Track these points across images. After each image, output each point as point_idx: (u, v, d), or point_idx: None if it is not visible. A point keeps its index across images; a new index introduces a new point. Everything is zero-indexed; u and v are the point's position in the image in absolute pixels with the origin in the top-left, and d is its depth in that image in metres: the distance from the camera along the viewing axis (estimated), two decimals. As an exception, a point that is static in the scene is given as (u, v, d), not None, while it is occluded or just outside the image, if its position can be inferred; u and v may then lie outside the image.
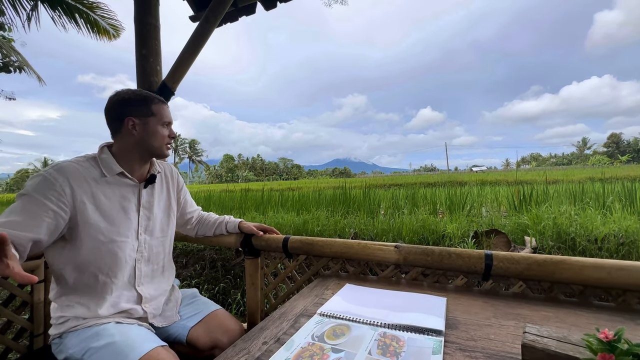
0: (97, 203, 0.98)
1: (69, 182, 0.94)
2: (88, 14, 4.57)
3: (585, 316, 0.83)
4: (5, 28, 5.91)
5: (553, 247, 2.03)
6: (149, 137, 1.05)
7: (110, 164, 1.03)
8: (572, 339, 0.52)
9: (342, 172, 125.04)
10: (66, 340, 0.93)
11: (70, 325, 0.94)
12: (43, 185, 0.90)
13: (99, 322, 0.95)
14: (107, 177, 1.01)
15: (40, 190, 0.89)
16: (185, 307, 1.20)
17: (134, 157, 1.07)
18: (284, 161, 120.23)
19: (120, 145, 1.05)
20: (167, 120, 1.10)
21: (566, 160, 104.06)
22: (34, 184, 0.90)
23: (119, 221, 1.02)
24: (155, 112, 1.06)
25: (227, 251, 3.04)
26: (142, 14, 1.88)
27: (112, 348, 0.87)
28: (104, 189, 1.01)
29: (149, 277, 1.11)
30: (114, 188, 1.03)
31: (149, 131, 1.05)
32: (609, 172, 12.27)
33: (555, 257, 0.95)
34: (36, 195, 0.89)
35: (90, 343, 0.89)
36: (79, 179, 0.96)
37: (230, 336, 1.14)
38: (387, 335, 0.75)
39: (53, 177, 0.92)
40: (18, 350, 1.36)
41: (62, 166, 0.95)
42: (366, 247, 1.20)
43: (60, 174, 0.93)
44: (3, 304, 1.33)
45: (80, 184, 0.96)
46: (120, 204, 1.04)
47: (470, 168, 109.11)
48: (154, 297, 1.11)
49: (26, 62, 6.47)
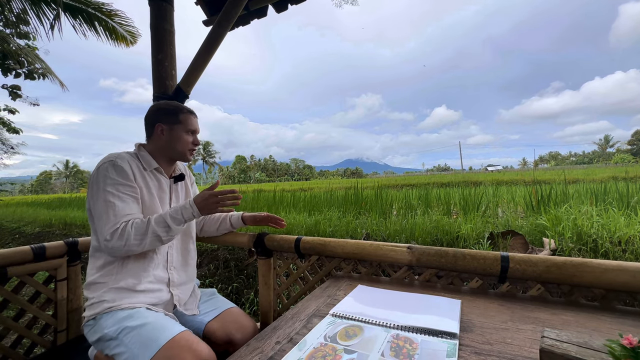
0: (147, 189, 1.14)
1: (131, 168, 1.10)
2: (107, 22, 4.73)
3: (607, 321, 0.80)
4: (30, 37, 6.19)
5: (573, 249, 1.96)
6: (174, 142, 1.20)
7: (149, 159, 1.18)
8: (594, 344, 0.50)
9: (353, 173, 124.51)
10: (101, 321, 0.99)
11: (106, 307, 1.00)
12: (121, 170, 1.06)
13: (131, 305, 1.02)
14: (146, 170, 1.17)
15: (123, 175, 1.05)
16: (204, 304, 1.28)
17: (162, 158, 1.22)
18: (295, 162, 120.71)
19: (152, 147, 1.21)
20: (191, 128, 1.23)
21: (587, 159, 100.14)
22: (112, 172, 1.04)
23: (156, 208, 1.16)
24: (182, 121, 1.20)
25: (240, 251, 3.08)
26: (158, 20, 1.93)
27: (147, 328, 0.94)
28: (147, 179, 1.16)
29: (179, 263, 1.24)
30: (154, 179, 1.19)
31: (175, 137, 1.19)
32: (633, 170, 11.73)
33: (576, 260, 0.91)
34: (120, 179, 1.04)
35: (126, 322, 0.96)
36: (134, 166, 1.12)
37: (244, 333, 1.19)
38: (400, 337, 0.74)
39: (120, 163, 1.07)
40: (43, 345, 1.42)
41: (120, 155, 1.11)
42: (379, 248, 1.20)
43: (124, 161, 1.09)
44: (29, 300, 1.39)
45: (136, 171, 1.11)
46: (159, 194, 1.19)
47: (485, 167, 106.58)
48: (182, 283, 1.23)
49: (49, 69, 6.75)
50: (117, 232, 0.98)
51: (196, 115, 1.27)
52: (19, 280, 1.36)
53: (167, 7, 1.95)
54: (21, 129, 8.51)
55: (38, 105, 9.55)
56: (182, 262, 1.25)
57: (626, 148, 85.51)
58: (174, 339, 0.91)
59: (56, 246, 1.44)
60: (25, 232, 6.66)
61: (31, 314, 1.39)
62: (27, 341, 1.41)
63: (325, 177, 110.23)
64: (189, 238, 1.31)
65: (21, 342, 1.39)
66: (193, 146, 1.24)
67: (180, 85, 1.93)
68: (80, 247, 1.52)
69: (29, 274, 1.36)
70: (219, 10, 1.98)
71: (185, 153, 1.23)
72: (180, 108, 1.22)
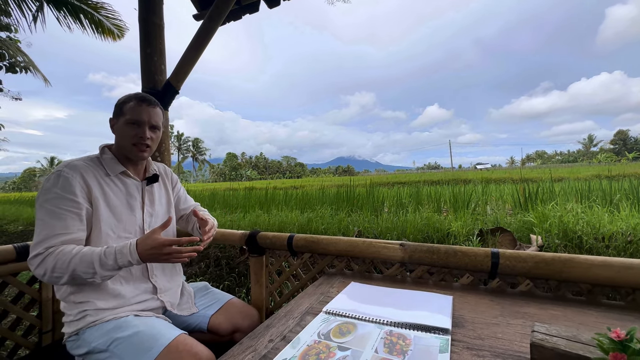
0: (107, 200, 1.01)
1: (84, 179, 0.97)
2: (92, 15, 4.59)
3: (594, 315, 0.82)
4: (12, 29, 5.96)
5: (559, 245, 2.01)
6: (118, 136, 1.07)
7: (112, 163, 1.06)
8: (582, 338, 0.52)
9: (345, 170, 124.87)
10: (85, 336, 0.93)
11: (89, 321, 0.94)
12: (65, 183, 0.93)
13: (117, 316, 0.97)
14: (110, 176, 1.05)
15: (66, 188, 0.93)
16: (201, 299, 1.24)
17: (123, 157, 1.09)
18: (287, 159, 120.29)
19: (115, 147, 1.10)
20: (133, 119, 1.03)
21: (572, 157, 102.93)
22: (55, 184, 0.93)
23: (126, 217, 1.05)
24: (125, 111, 1.04)
25: (232, 249, 3.05)
26: (147, 13, 1.88)
27: (139, 337, 0.89)
28: (111, 186, 1.04)
29: (160, 269, 1.14)
30: (120, 185, 1.07)
31: (118, 130, 1.06)
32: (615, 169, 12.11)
33: (563, 256, 0.94)
34: (61, 192, 0.92)
35: (115, 334, 0.90)
36: (90, 176, 0.99)
37: (251, 320, 1.21)
38: (393, 333, 0.74)
39: (70, 175, 0.95)
40: (27, 347, 1.38)
41: (74, 164, 0.98)
42: (371, 245, 1.20)
43: (75, 171, 0.96)
44: (12, 301, 1.35)
45: (92, 181, 0.99)
46: (127, 201, 1.07)
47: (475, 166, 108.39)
48: (169, 288, 1.15)
49: (32, 63, 6.53)
50: (39, 258, 0.86)
51: (151, 104, 1.07)
52: (1, 281, 1.31)
53: (156, 1, 1.90)
54: (2, 125, 8.22)
55: (20, 99, 9.24)
56: (163, 267, 1.16)
57: (609, 147, 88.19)
58: (171, 344, 0.87)
59: (41, 245, 1.40)
60: (8, 231, 6.45)
61: (15, 315, 1.35)
62: (10, 343, 1.36)
63: (317, 174, 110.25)
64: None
65: (4, 343, 1.34)
66: (138, 139, 1.04)
67: (169, 80, 1.89)
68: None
69: (12, 273, 1.32)
70: (210, 4, 1.94)
71: (129, 149, 1.05)
72: (130, 97, 1.06)
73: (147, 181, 1.14)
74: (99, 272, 0.88)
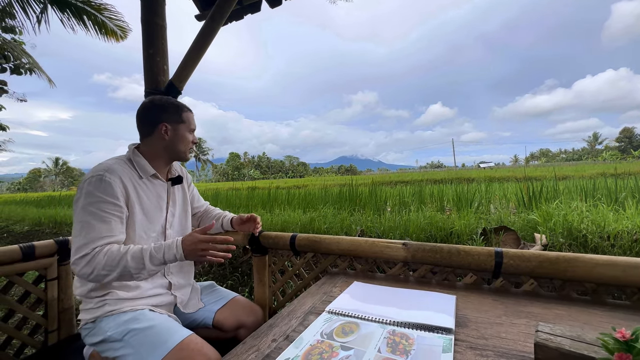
0: (141, 203, 1.07)
1: (123, 183, 1.01)
2: (96, 16, 4.62)
3: (599, 315, 0.81)
4: (16, 31, 6.02)
5: (564, 245, 1.99)
6: (178, 141, 1.14)
7: (144, 165, 1.10)
8: (587, 338, 0.51)
9: (347, 170, 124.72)
10: (102, 324, 0.97)
11: (107, 310, 0.98)
12: (108, 187, 0.97)
13: (134, 307, 1.00)
14: (143, 178, 1.10)
15: (109, 192, 0.96)
16: (207, 296, 1.29)
17: (162, 159, 1.16)
18: (289, 159, 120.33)
19: (150, 148, 1.13)
20: (193, 127, 1.20)
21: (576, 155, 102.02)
22: (97, 188, 0.96)
23: (156, 218, 1.12)
24: (185, 120, 1.16)
25: (235, 248, 3.07)
26: (149, 14, 1.89)
27: (154, 331, 0.93)
28: (144, 189, 1.09)
29: (177, 267, 1.20)
30: (151, 187, 1.12)
31: (179, 136, 1.14)
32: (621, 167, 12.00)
33: (568, 255, 0.93)
34: (105, 197, 0.96)
35: (131, 325, 0.94)
36: (127, 180, 1.03)
37: (255, 316, 1.26)
38: (396, 333, 0.74)
39: (112, 179, 0.98)
40: (33, 346, 1.39)
41: (113, 168, 1.01)
42: (374, 244, 1.20)
43: (115, 175, 1.00)
44: (18, 300, 1.36)
45: (128, 185, 1.03)
46: (157, 202, 1.13)
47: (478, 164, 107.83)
48: (183, 286, 1.20)
49: (37, 64, 6.59)
50: (86, 258, 0.90)
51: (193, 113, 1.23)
52: (7, 280, 1.33)
53: (158, 1, 1.91)
54: (7, 126, 8.30)
55: (25, 101, 9.34)
56: (180, 266, 1.22)
57: (614, 145, 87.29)
58: (184, 341, 0.91)
59: (46, 245, 1.41)
60: (14, 231, 6.52)
61: (21, 315, 1.37)
62: (16, 342, 1.38)
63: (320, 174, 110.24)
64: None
65: (11, 342, 1.36)
66: (193, 145, 1.20)
67: (172, 80, 1.90)
68: (71, 245, 1.48)
69: (18, 273, 1.33)
70: (211, 4, 1.94)
71: (187, 153, 1.18)
72: (181, 105, 1.17)
73: (171, 182, 1.21)
74: (147, 266, 0.94)
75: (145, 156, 1.12)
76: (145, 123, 1.13)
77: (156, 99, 1.15)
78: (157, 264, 0.95)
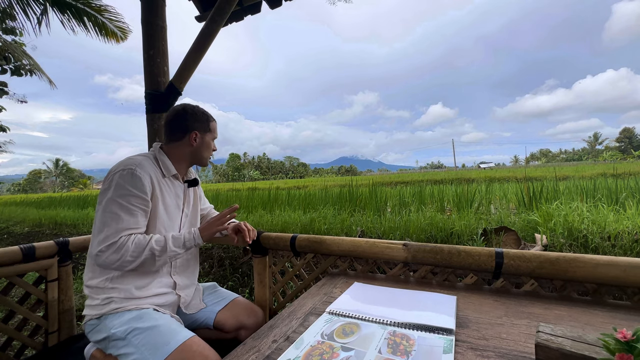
0: (164, 199, 1.12)
1: (151, 178, 1.06)
2: (96, 17, 4.63)
3: (600, 315, 0.81)
4: (17, 32, 6.03)
5: (564, 245, 1.99)
6: (204, 149, 1.22)
7: (168, 165, 1.15)
8: (588, 338, 0.51)
9: (348, 170, 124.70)
10: (106, 321, 0.98)
11: (113, 307, 0.99)
12: (138, 181, 1.01)
13: (139, 306, 1.02)
14: (165, 177, 1.14)
15: (138, 186, 1.01)
16: (209, 297, 1.30)
17: (184, 163, 1.21)
18: (289, 160, 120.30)
19: (176, 151, 1.19)
20: (216, 136, 1.28)
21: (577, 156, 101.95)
22: (128, 181, 1.00)
23: (174, 216, 1.16)
24: (212, 129, 1.24)
25: (235, 249, 3.06)
26: (149, 15, 1.89)
27: (157, 330, 0.94)
28: (166, 187, 1.14)
29: (184, 267, 1.22)
30: (171, 187, 1.17)
31: (205, 144, 1.21)
32: (621, 167, 11.99)
33: (568, 255, 0.93)
34: (135, 190, 1.00)
35: (135, 324, 0.95)
36: (153, 176, 1.08)
37: (255, 317, 1.27)
38: (397, 333, 0.74)
39: (142, 174, 1.03)
40: (34, 347, 1.39)
41: (143, 164, 1.06)
42: (374, 245, 1.20)
43: (145, 171, 1.05)
44: (19, 302, 1.36)
45: (154, 180, 1.08)
46: (175, 201, 1.18)
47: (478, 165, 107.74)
48: (187, 286, 1.23)
49: (37, 66, 6.60)
50: (115, 245, 0.95)
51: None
52: (7, 282, 1.33)
53: (158, 2, 1.92)
54: (8, 127, 8.30)
55: (26, 102, 9.34)
56: (186, 267, 1.23)
57: (614, 145, 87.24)
58: (185, 343, 0.92)
59: (46, 246, 1.41)
60: (14, 232, 6.52)
61: (21, 316, 1.37)
62: (17, 343, 1.38)
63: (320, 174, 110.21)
64: None
65: (11, 344, 1.36)
66: (213, 152, 1.27)
67: (172, 81, 1.90)
68: (71, 247, 1.49)
69: (18, 274, 1.33)
70: (211, 5, 1.95)
71: (208, 159, 1.25)
72: (209, 115, 1.24)
73: (187, 184, 1.25)
74: (169, 247, 1.01)
75: (170, 157, 1.17)
76: (176, 129, 1.17)
77: (188, 107, 1.20)
78: (178, 245, 1.03)
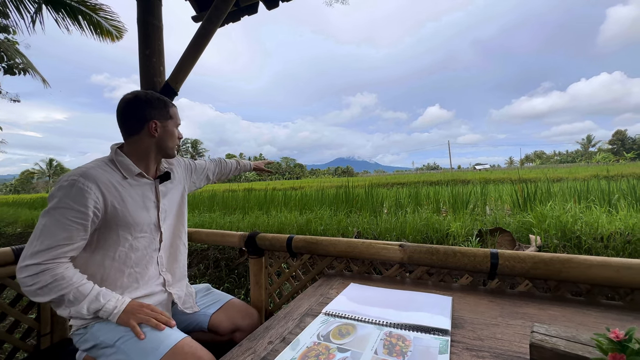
0: (125, 204, 1.01)
1: (100, 188, 0.95)
2: (91, 16, 4.59)
3: (593, 315, 0.82)
4: (10, 31, 5.96)
5: (558, 246, 2.01)
6: (167, 138, 1.10)
7: (129, 165, 1.05)
8: (581, 338, 0.52)
9: (344, 171, 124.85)
10: (94, 330, 0.94)
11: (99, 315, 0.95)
12: (78, 194, 0.90)
13: None
14: (127, 179, 1.04)
15: (77, 199, 0.90)
16: (202, 299, 1.26)
17: (150, 157, 1.10)
18: (286, 160, 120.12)
19: (136, 146, 1.07)
20: (179, 123, 1.17)
21: (570, 158, 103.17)
22: (67, 194, 0.90)
23: (143, 219, 1.06)
24: (173, 115, 1.12)
25: (231, 251, 3.05)
26: (145, 15, 1.88)
27: (146, 335, 0.90)
28: (128, 190, 1.03)
29: (170, 262, 1.18)
30: (136, 188, 1.06)
31: (168, 133, 1.10)
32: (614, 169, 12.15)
33: (562, 256, 0.94)
34: (73, 204, 0.89)
35: (123, 330, 0.91)
36: (106, 184, 0.97)
37: (251, 319, 1.24)
38: (393, 334, 0.74)
39: (85, 185, 0.92)
40: (26, 350, 1.37)
41: (89, 173, 0.95)
42: (370, 246, 1.20)
43: (90, 180, 0.93)
44: (10, 303, 1.34)
45: (109, 188, 0.97)
46: (143, 203, 1.07)
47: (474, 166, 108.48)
48: (177, 280, 1.19)
49: (31, 65, 6.52)
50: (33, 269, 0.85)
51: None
52: None
53: (154, 2, 1.90)
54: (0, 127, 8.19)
55: (19, 101, 9.23)
56: (172, 262, 1.19)
57: (607, 147, 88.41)
58: (177, 345, 0.89)
59: (39, 247, 1.39)
60: (6, 233, 6.42)
61: (13, 318, 1.34)
62: (8, 346, 1.36)
63: (317, 175, 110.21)
64: (177, 238, 1.23)
65: (2, 346, 1.33)
66: (178, 140, 1.17)
67: (168, 82, 1.89)
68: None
69: (10, 276, 1.31)
70: (208, 5, 1.94)
71: (174, 149, 1.14)
72: (167, 100, 1.12)
73: (159, 179, 1.15)
74: (82, 303, 0.89)
75: (131, 155, 1.06)
76: (131, 120, 1.05)
77: (140, 93, 1.07)
78: (94, 305, 0.91)
